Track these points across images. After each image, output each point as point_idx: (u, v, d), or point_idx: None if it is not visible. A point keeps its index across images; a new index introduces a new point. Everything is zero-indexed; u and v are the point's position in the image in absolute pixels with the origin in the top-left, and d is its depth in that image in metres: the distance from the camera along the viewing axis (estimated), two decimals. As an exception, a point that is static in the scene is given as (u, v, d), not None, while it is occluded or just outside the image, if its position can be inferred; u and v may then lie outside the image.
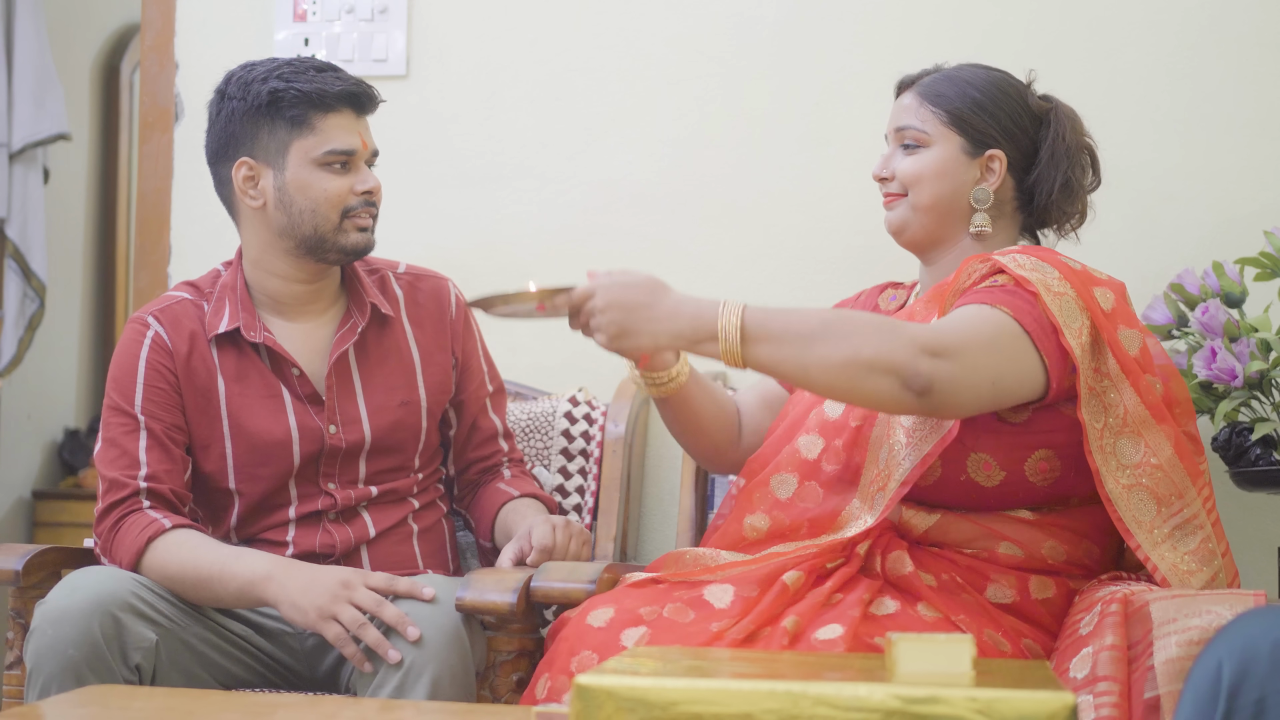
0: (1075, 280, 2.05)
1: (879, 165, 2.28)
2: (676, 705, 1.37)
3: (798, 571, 2.03)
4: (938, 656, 1.49)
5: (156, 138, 3.26)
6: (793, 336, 1.93)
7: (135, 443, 2.39)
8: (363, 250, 2.45)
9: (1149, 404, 2.02)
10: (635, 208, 3.06)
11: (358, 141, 2.42)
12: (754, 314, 1.95)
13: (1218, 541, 2.04)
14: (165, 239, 3.24)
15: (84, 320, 5.57)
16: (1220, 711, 1.42)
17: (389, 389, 2.49)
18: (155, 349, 2.43)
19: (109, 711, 1.85)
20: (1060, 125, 2.27)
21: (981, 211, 2.22)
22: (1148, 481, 2.00)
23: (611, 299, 1.99)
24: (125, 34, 5.60)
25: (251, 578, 2.27)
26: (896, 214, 2.26)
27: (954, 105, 2.22)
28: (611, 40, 3.08)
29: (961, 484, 2.05)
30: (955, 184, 2.22)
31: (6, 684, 2.43)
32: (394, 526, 2.50)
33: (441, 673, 2.17)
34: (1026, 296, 2.02)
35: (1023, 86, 2.28)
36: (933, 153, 2.22)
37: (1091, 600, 1.96)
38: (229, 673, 2.36)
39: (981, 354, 1.96)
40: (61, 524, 5.18)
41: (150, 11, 3.29)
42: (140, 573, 2.32)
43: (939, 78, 2.26)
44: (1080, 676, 1.81)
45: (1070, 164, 2.26)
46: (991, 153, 2.22)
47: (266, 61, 2.45)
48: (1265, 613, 1.49)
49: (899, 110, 2.27)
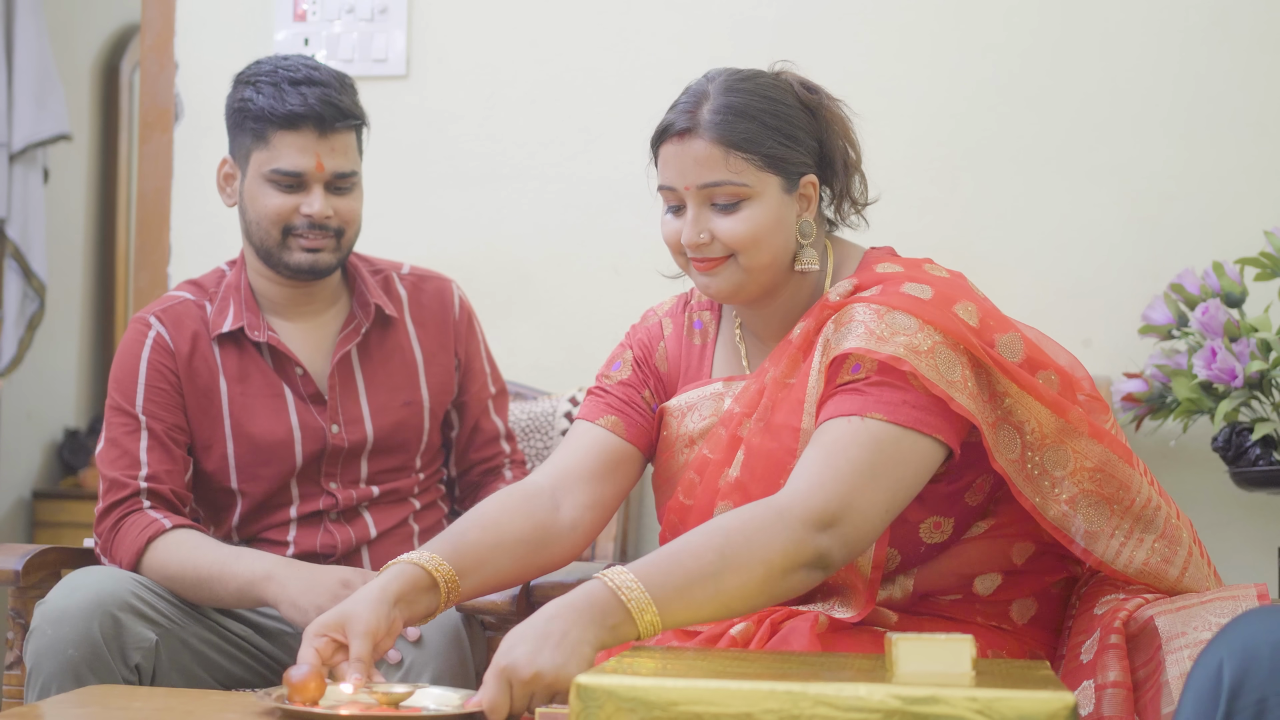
0: (936, 318, 1.85)
1: (688, 230, 1.94)
2: (676, 705, 1.37)
3: (747, 623, 1.92)
4: (938, 656, 1.49)
5: (156, 138, 3.26)
6: (697, 580, 1.71)
7: (136, 443, 2.39)
8: (310, 271, 2.41)
9: (1052, 405, 1.88)
10: (635, 208, 3.06)
11: (310, 163, 2.37)
12: (651, 573, 1.71)
13: (1169, 505, 1.94)
14: (165, 239, 3.24)
15: (84, 320, 5.57)
16: (1221, 712, 1.42)
17: (392, 389, 2.49)
18: (157, 349, 2.43)
19: (109, 711, 1.85)
20: (827, 109, 2.01)
21: (807, 247, 1.97)
22: (1090, 486, 1.88)
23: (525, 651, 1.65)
24: (125, 34, 5.60)
25: (251, 577, 2.26)
26: (723, 279, 1.95)
27: (765, 146, 1.92)
28: (611, 40, 3.09)
29: (922, 552, 1.97)
30: (787, 231, 1.95)
31: (6, 684, 2.43)
32: (395, 527, 2.50)
33: (441, 673, 2.17)
34: (897, 384, 1.83)
35: (786, 85, 1.99)
36: (760, 207, 1.92)
37: (1092, 618, 1.91)
38: (229, 673, 2.36)
39: (867, 493, 1.79)
40: (61, 524, 5.18)
41: (150, 11, 3.29)
42: (140, 573, 2.32)
43: (728, 116, 1.92)
44: (1084, 713, 1.79)
45: (846, 143, 2.02)
46: (806, 179, 1.96)
47: (268, 61, 2.44)
48: (1266, 613, 1.49)
49: (693, 164, 1.93)
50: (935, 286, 1.90)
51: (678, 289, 2.18)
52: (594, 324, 3.04)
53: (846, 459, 1.80)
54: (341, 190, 2.42)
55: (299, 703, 1.72)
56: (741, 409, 1.98)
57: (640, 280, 3.04)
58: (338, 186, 2.41)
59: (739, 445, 1.96)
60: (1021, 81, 2.93)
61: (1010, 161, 2.94)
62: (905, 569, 1.98)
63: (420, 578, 1.86)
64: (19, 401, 5.09)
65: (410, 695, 1.78)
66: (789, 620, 1.92)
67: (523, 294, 3.01)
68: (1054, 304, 2.87)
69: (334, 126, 2.38)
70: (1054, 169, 2.91)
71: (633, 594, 1.69)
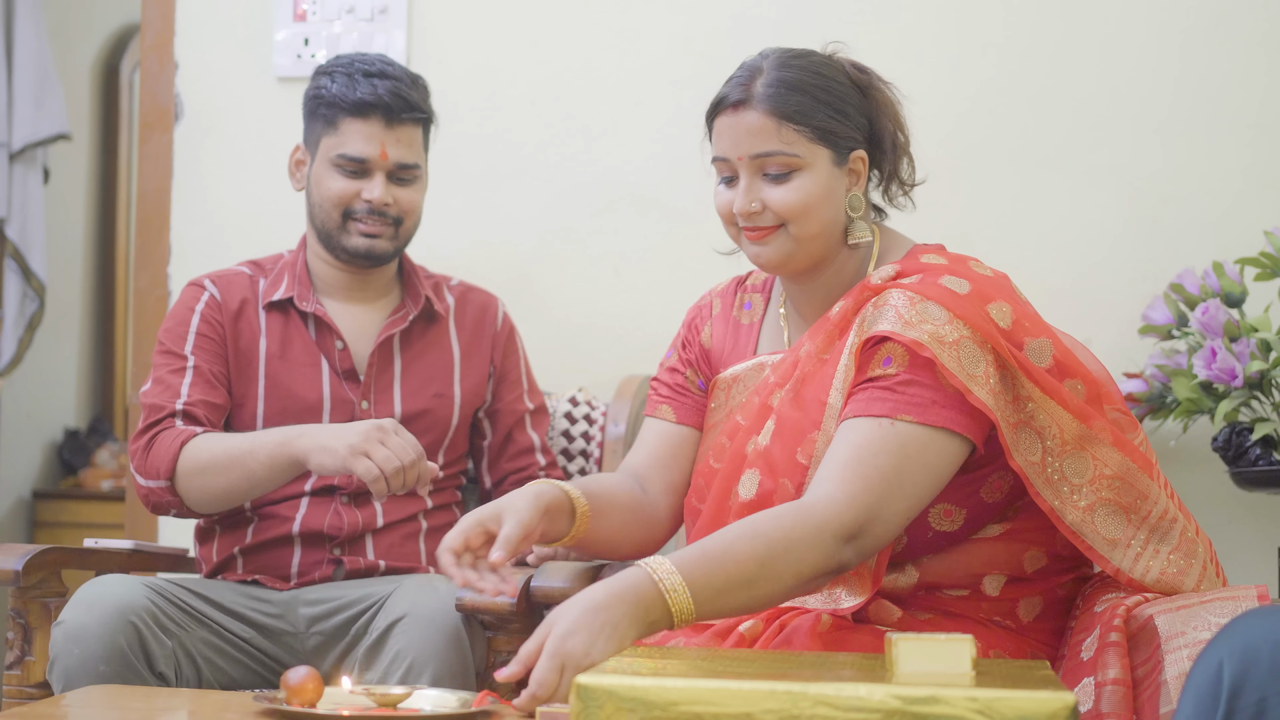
0: (967, 313, 1.89)
1: (740, 199, 2.01)
2: (676, 705, 1.37)
3: (756, 621, 1.96)
4: (938, 656, 1.49)
5: (156, 138, 3.26)
6: (736, 586, 1.78)
7: (180, 379, 2.47)
8: (366, 255, 2.51)
9: (1077, 412, 1.90)
10: (635, 208, 3.06)
11: (374, 151, 2.48)
12: (692, 570, 1.76)
13: (1188, 521, 1.97)
14: (165, 239, 3.24)
15: (84, 320, 5.57)
16: (1221, 712, 1.42)
17: (426, 379, 2.56)
18: (209, 306, 2.53)
19: (109, 711, 1.85)
20: (877, 90, 2.07)
21: (858, 220, 2.04)
22: (1108, 494, 1.90)
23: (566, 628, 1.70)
24: (125, 34, 5.60)
25: (281, 438, 2.33)
26: (774, 248, 2.01)
27: (816, 119, 1.99)
28: (611, 40, 3.09)
29: (931, 539, 1.98)
30: (836, 203, 2.01)
31: (6, 684, 2.43)
32: (403, 520, 2.53)
33: (441, 672, 2.18)
34: (927, 382, 1.87)
35: (838, 64, 2.06)
36: (810, 177, 1.99)
37: (1092, 616, 1.91)
38: (230, 676, 2.36)
39: (894, 502, 1.84)
40: (61, 524, 5.18)
41: (150, 11, 3.29)
42: (176, 477, 2.36)
43: (781, 89, 1.99)
44: (1084, 710, 1.79)
45: (895, 126, 2.08)
46: (855, 154, 2.03)
47: (346, 55, 2.57)
48: (1266, 613, 1.49)
49: (746, 134, 2.00)
50: (974, 284, 1.94)
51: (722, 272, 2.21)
52: (594, 324, 3.04)
53: (876, 466, 1.85)
54: (404, 181, 2.53)
55: (297, 704, 1.72)
56: (775, 379, 2.04)
57: (640, 280, 3.05)
58: (400, 177, 2.52)
59: (769, 414, 2.02)
60: (1021, 81, 2.93)
61: (1010, 161, 2.94)
62: (912, 555, 2.00)
63: (563, 502, 1.98)
64: (19, 401, 5.09)
65: (408, 696, 1.78)
66: (793, 619, 1.94)
67: (523, 294, 3.01)
68: (1054, 304, 2.86)
69: (401, 118, 2.50)
70: (1054, 169, 2.91)
71: (678, 597, 1.75)
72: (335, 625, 2.39)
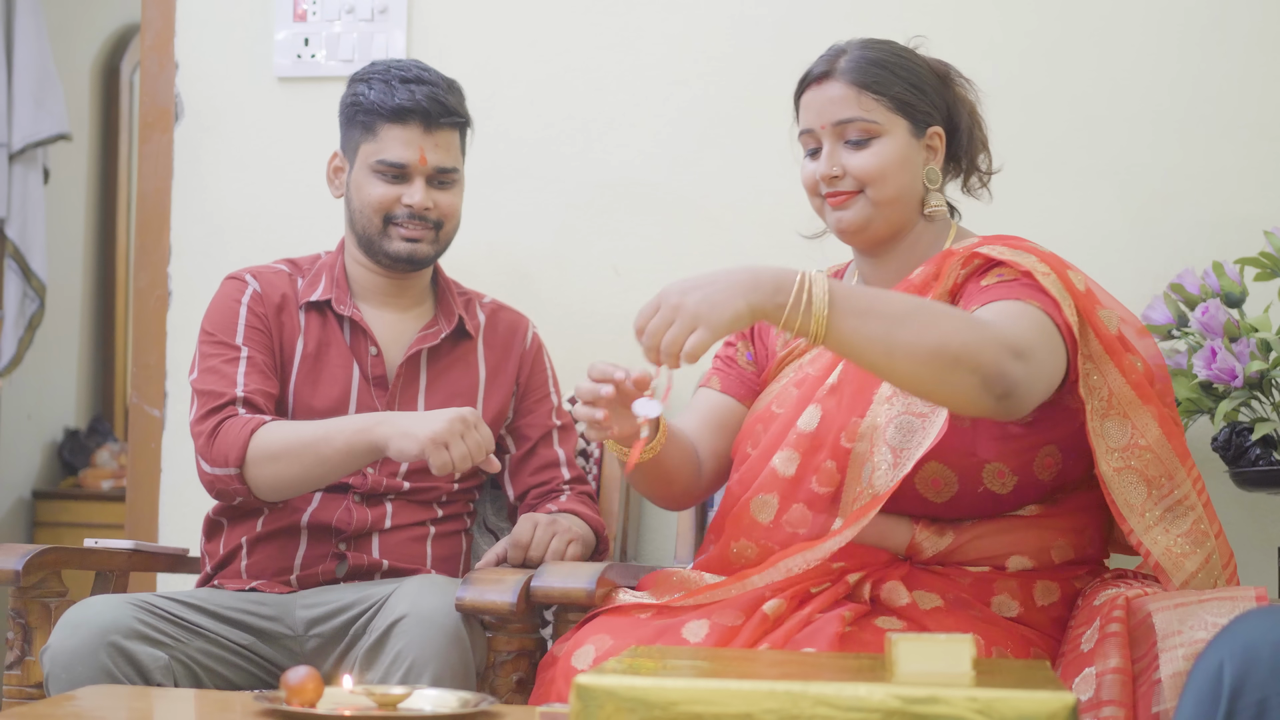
0: (1053, 263, 2.01)
1: (823, 164, 2.15)
2: (676, 705, 1.37)
3: (779, 599, 1.99)
4: (938, 656, 1.49)
5: (156, 138, 3.26)
6: (880, 314, 1.83)
7: (235, 368, 2.48)
8: (408, 260, 2.54)
9: (1133, 383, 1.98)
10: (635, 208, 3.06)
11: (414, 156, 2.50)
12: (840, 285, 1.85)
13: (1210, 522, 2.02)
14: (165, 239, 3.24)
15: (84, 320, 5.57)
16: (1222, 712, 1.42)
17: (450, 396, 2.57)
18: (254, 299, 2.56)
19: (109, 711, 1.85)
20: (957, 82, 2.24)
21: (934, 191, 2.18)
22: (1136, 464, 1.98)
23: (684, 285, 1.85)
24: (125, 34, 5.60)
25: (361, 425, 2.35)
26: (854, 212, 2.15)
27: (895, 90, 2.14)
28: (611, 40, 3.09)
29: (979, 496, 2.02)
30: (913, 171, 2.16)
31: (6, 684, 2.43)
32: (411, 525, 2.54)
33: (442, 672, 2.17)
34: (1037, 285, 1.98)
35: (917, 54, 2.24)
36: (889, 144, 2.14)
37: (1092, 610, 1.94)
38: (230, 682, 2.36)
39: (1043, 353, 1.91)
40: (61, 524, 5.18)
41: (150, 11, 3.29)
42: (246, 464, 2.37)
43: (862, 63, 2.16)
44: (1084, 699, 1.80)
45: (972, 120, 2.25)
46: (932, 130, 2.18)
47: (382, 62, 2.58)
48: (1266, 613, 1.49)
49: (829, 103, 2.15)
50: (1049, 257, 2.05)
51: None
52: (594, 324, 3.04)
53: (1027, 322, 1.94)
54: (443, 185, 2.55)
55: (297, 704, 1.72)
56: (816, 373, 2.14)
57: (640, 280, 3.04)
58: (440, 181, 2.55)
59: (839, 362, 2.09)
60: (1021, 81, 2.92)
61: (1009, 161, 2.94)
62: (958, 512, 2.04)
63: None
64: (19, 401, 5.10)
65: (408, 697, 1.78)
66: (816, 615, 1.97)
67: (523, 294, 3.01)
68: (1054, 304, 2.87)
69: (439, 123, 2.52)
70: (1053, 169, 2.91)
71: (818, 288, 1.82)
72: (334, 627, 2.39)
